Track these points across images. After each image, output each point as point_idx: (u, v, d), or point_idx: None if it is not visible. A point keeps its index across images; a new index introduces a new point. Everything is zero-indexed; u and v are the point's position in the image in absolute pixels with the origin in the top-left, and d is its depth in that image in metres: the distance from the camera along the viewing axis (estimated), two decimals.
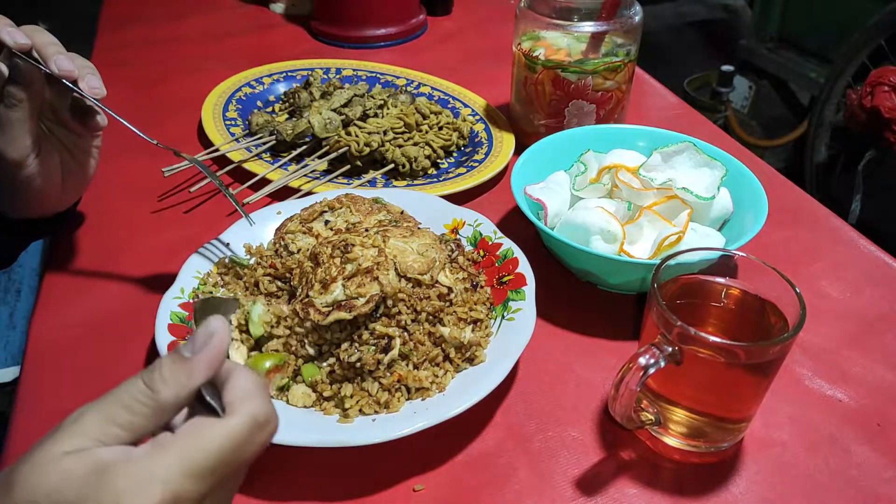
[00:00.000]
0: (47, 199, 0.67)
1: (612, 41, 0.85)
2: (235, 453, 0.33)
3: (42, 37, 0.59)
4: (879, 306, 0.71)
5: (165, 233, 0.77)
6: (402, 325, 0.59)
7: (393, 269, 0.59)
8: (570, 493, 0.53)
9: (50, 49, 0.59)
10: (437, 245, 0.64)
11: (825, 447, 0.57)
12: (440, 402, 0.56)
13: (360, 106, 0.93)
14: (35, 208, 0.67)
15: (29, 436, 0.56)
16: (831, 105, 2.20)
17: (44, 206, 0.68)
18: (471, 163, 0.89)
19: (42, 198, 0.66)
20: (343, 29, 1.22)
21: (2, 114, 0.59)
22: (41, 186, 0.64)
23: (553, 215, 0.71)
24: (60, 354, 0.64)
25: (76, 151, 0.67)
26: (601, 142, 0.79)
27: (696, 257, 0.56)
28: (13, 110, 0.59)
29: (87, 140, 0.67)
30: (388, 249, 0.60)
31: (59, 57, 0.59)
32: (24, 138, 0.60)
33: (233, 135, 0.91)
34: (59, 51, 0.59)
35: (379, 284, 0.58)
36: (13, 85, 0.58)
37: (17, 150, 0.60)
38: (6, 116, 0.59)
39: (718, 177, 0.71)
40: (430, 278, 0.60)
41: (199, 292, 0.64)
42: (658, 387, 0.55)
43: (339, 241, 0.61)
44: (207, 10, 1.33)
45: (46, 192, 0.65)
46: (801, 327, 0.50)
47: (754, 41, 2.73)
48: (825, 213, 0.85)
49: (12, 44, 0.57)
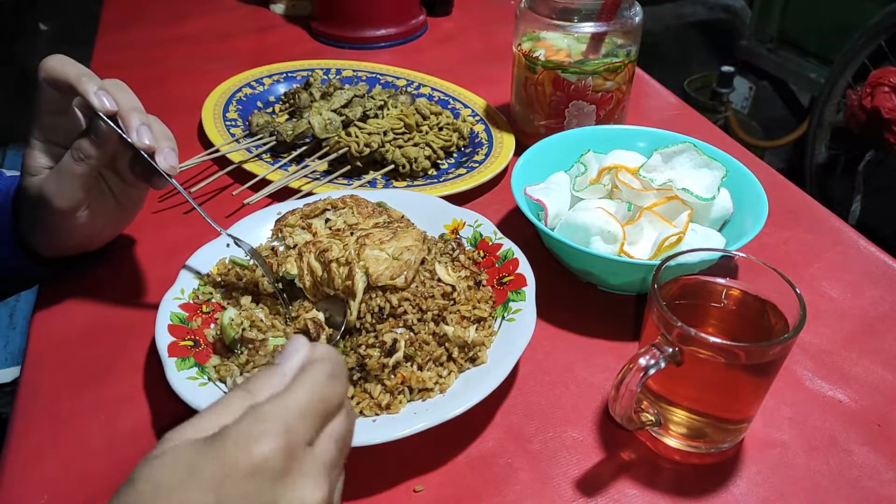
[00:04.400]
0: (84, 242, 0.67)
1: (612, 42, 0.85)
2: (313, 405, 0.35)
3: (127, 100, 0.59)
4: (879, 306, 0.71)
5: (165, 233, 0.77)
6: (409, 324, 0.59)
7: (362, 288, 0.59)
8: (570, 494, 0.53)
9: (133, 117, 0.58)
10: (418, 245, 0.63)
11: (825, 448, 0.57)
12: (440, 402, 0.56)
13: (361, 106, 0.93)
14: (69, 249, 0.67)
15: (29, 436, 0.56)
16: (831, 105, 2.20)
17: (78, 248, 0.67)
18: (471, 163, 0.89)
19: (80, 241, 0.66)
20: (343, 29, 1.22)
21: (65, 163, 0.59)
22: (80, 232, 0.63)
23: (553, 216, 0.71)
24: (60, 354, 0.64)
25: (124, 199, 0.66)
26: (601, 142, 0.79)
27: (697, 258, 0.56)
28: (78, 164, 0.58)
29: (139, 190, 0.67)
30: (361, 262, 0.60)
31: (141, 129, 0.58)
32: (77, 191, 0.60)
33: (233, 135, 0.91)
34: (143, 120, 0.59)
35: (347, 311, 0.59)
36: (87, 140, 0.58)
37: (68, 201, 0.60)
38: (68, 167, 0.59)
39: (718, 177, 0.71)
40: (403, 281, 0.60)
41: (199, 292, 0.64)
42: (658, 387, 0.55)
43: (319, 253, 0.61)
44: (207, 11, 1.33)
45: (85, 235, 0.65)
46: (801, 328, 0.50)
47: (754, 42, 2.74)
48: (825, 214, 0.85)
49: (100, 107, 0.57)
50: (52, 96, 0.58)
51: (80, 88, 0.57)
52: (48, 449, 0.55)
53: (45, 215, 0.61)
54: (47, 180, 0.60)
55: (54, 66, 0.57)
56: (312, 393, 0.36)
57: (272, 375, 0.37)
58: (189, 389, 0.54)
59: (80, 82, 0.57)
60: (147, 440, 0.56)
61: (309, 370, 0.37)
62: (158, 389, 0.59)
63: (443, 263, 0.65)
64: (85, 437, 0.56)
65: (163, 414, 0.58)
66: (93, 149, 0.58)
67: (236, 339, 0.59)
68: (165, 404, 0.58)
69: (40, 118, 0.60)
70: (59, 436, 0.56)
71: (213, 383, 0.56)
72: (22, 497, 0.52)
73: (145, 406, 0.59)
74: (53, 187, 0.59)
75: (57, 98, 0.59)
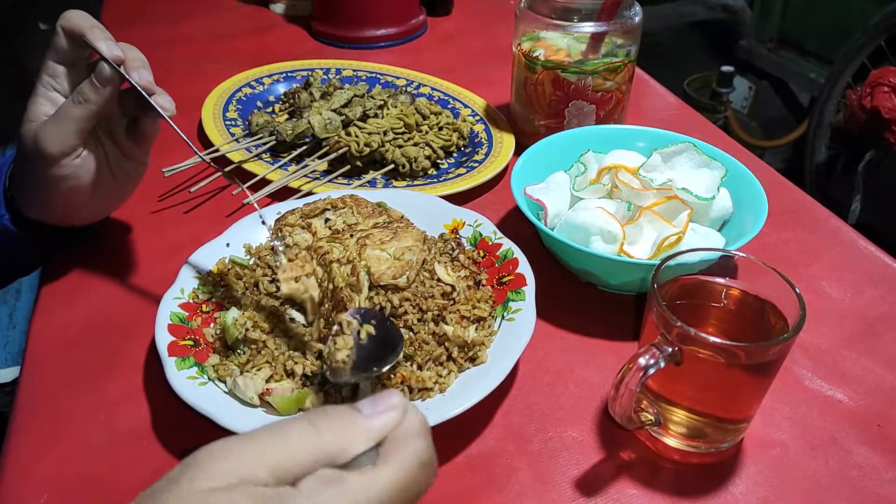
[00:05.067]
0: (70, 207, 0.66)
1: (611, 42, 0.85)
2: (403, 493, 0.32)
3: (133, 52, 0.62)
4: (879, 306, 0.71)
5: (165, 233, 0.77)
6: (409, 324, 0.59)
7: (366, 285, 0.59)
8: (569, 494, 0.53)
9: (136, 63, 0.61)
10: (418, 246, 0.63)
11: (825, 448, 0.57)
12: (440, 402, 0.56)
13: (360, 106, 0.93)
14: (55, 212, 0.66)
15: (29, 436, 0.56)
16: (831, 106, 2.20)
17: (65, 213, 0.67)
18: (471, 163, 0.89)
19: (66, 204, 0.65)
20: (343, 29, 1.22)
21: (64, 106, 0.60)
22: (67, 191, 0.63)
23: (553, 216, 0.71)
24: (60, 354, 0.64)
25: (117, 171, 0.67)
26: (601, 142, 0.79)
27: (696, 258, 0.56)
28: (76, 106, 0.60)
29: (131, 165, 0.68)
30: (363, 261, 0.60)
31: (142, 70, 0.61)
32: (70, 137, 0.60)
33: (233, 135, 0.91)
34: (144, 66, 0.62)
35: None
36: (88, 83, 0.60)
37: (59, 145, 0.60)
38: (66, 109, 0.60)
39: (718, 177, 0.71)
40: (405, 281, 0.60)
41: (199, 292, 0.64)
42: (658, 387, 0.55)
43: (320, 257, 0.61)
44: (207, 11, 1.33)
45: (72, 199, 0.64)
46: (800, 328, 0.50)
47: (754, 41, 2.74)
48: (825, 214, 0.85)
49: (106, 52, 0.59)
50: (64, 45, 0.60)
51: (89, 35, 0.59)
52: (48, 449, 0.55)
53: (37, 165, 0.61)
54: (44, 123, 0.61)
55: (73, 16, 0.60)
56: (402, 482, 0.32)
57: (347, 422, 0.33)
58: (189, 389, 0.54)
59: (92, 31, 0.59)
60: (147, 440, 0.56)
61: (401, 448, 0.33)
62: (158, 389, 0.59)
63: (442, 263, 0.65)
64: (84, 437, 0.56)
65: (163, 413, 0.58)
66: (93, 92, 0.59)
67: (239, 339, 0.59)
68: (165, 404, 0.58)
69: (49, 65, 0.62)
70: (59, 436, 0.56)
71: (212, 383, 0.56)
72: (22, 497, 0.52)
73: (145, 406, 0.59)
74: (49, 129, 0.60)
75: (68, 48, 0.61)
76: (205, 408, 0.52)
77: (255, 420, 0.54)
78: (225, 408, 0.53)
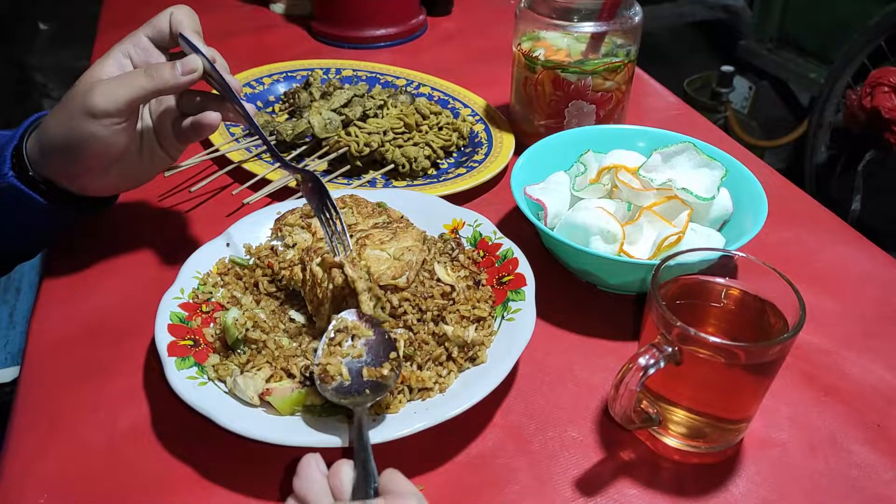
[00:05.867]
0: (88, 171, 0.64)
1: (611, 42, 0.85)
2: None
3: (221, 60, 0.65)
4: (879, 307, 0.71)
5: (165, 233, 0.77)
6: (409, 324, 0.59)
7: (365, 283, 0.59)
8: (569, 494, 0.53)
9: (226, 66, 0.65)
10: (418, 246, 0.64)
11: (825, 447, 0.57)
12: (440, 402, 0.56)
13: (360, 106, 0.93)
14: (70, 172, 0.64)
15: (29, 435, 0.56)
16: (831, 105, 2.20)
17: (79, 176, 0.65)
18: (471, 163, 0.89)
19: (84, 166, 0.63)
20: (343, 29, 1.22)
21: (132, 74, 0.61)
22: (92, 153, 0.62)
23: (553, 216, 0.71)
24: (60, 354, 0.64)
25: (146, 155, 0.67)
26: (601, 142, 0.79)
27: (696, 258, 0.56)
28: (145, 77, 0.60)
29: (160, 154, 0.68)
30: (363, 261, 0.60)
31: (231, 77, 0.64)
32: (122, 102, 0.59)
33: (233, 135, 0.91)
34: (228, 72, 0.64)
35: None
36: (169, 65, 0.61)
37: (107, 104, 0.59)
38: (133, 77, 0.60)
39: (718, 177, 0.71)
40: (405, 281, 0.60)
41: (199, 292, 0.64)
42: (658, 387, 0.55)
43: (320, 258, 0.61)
44: (207, 10, 1.32)
45: (92, 163, 0.63)
46: (800, 328, 0.50)
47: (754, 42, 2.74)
48: (825, 214, 0.85)
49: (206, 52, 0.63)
50: (164, 27, 0.64)
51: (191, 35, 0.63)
52: (48, 448, 0.55)
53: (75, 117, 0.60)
54: (104, 80, 0.61)
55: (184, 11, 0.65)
56: None
57: None
58: (189, 389, 0.54)
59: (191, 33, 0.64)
60: (146, 439, 0.56)
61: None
62: (158, 389, 0.59)
63: (442, 263, 0.65)
64: (84, 437, 0.56)
65: (162, 413, 0.58)
66: (170, 75, 0.60)
67: (239, 339, 0.59)
68: (165, 404, 0.58)
69: (137, 35, 0.64)
70: (59, 435, 0.56)
71: (212, 383, 0.56)
72: (22, 496, 0.52)
73: (145, 405, 0.59)
74: (107, 86, 0.60)
75: (165, 32, 0.64)
76: (205, 408, 0.52)
77: (255, 420, 0.54)
78: (225, 408, 0.53)
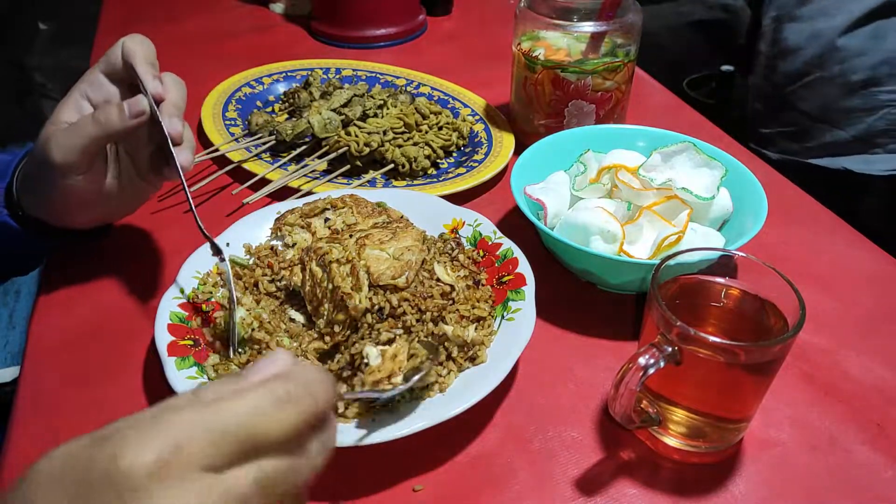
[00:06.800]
0: (69, 211, 0.65)
1: (611, 41, 0.85)
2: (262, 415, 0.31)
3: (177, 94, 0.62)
4: (879, 306, 0.71)
5: (165, 233, 0.77)
6: (408, 324, 0.59)
7: (366, 284, 0.59)
8: (569, 494, 0.53)
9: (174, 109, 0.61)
10: (418, 246, 0.64)
11: (825, 447, 0.57)
12: (440, 402, 0.56)
13: (360, 106, 0.93)
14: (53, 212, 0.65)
15: (29, 435, 0.56)
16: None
17: (63, 215, 0.66)
18: (470, 163, 0.89)
19: (64, 206, 0.64)
20: (343, 29, 1.22)
21: (81, 120, 0.59)
22: (68, 195, 0.62)
23: (553, 215, 0.71)
24: (60, 354, 0.64)
25: (129, 189, 0.66)
26: (601, 142, 0.79)
27: (696, 257, 0.56)
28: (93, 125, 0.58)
29: (143, 185, 0.67)
30: (362, 261, 0.60)
31: (175, 119, 0.60)
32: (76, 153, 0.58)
33: (232, 135, 0.91)
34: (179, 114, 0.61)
35: (345, 313, 0.58)
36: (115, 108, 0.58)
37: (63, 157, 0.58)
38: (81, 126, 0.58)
39: (718, 177, 0.71)
40: (405, 281, 0.60)
41: (199, 292, 0.64)
42: (658, 387, 0.55)
43: (319, 258, 0.61)
44: (207, 10, 1.33)
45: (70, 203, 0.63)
46: (800, 327, 0.50)
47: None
48: (825, 213, 0.85)
49: (152, 89, 0.60)
50: (118, 60, 0.61)
51: (139, 69, 0.60)
52: (48, 448, 0.55)
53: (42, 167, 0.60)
54: (58, 130, 0.60)
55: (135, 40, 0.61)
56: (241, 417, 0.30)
57: (227, 383, 0.32)
58: (189, 389, 0.54)
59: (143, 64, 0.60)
60: None
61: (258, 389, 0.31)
62: (158, 389, 0.59)
63: (442, 263, 0.65)
64: None
65: None
66: (118, 118, 0.58)
67: (244, 339, 0.59)
68: None
69: (93, 73, 0.62)
70: (59, 435, 0.56)
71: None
72: None
73: (145, 406, 0.59)
74: (59, 138, 0.59)
75: (119, 65, 0.61)
76: None
77: None
78: None
